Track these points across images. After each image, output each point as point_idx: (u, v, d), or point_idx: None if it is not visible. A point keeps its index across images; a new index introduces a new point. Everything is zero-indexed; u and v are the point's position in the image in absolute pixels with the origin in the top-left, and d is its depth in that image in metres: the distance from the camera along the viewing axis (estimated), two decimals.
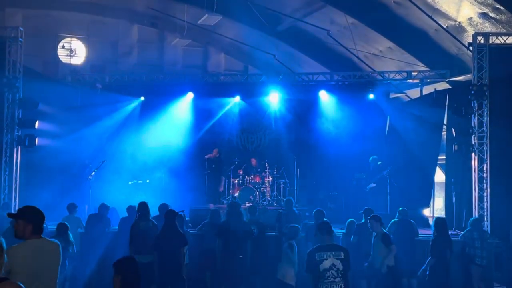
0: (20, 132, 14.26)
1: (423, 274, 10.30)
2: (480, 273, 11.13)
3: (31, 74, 15.13)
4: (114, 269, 4.85)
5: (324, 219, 10.57)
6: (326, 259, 6.69)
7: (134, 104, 17.59)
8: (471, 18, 14.51)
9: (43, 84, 15.40)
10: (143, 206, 10.18)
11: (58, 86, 16.66)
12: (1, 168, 13.89)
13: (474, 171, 13.44)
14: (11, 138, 14.10)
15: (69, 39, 21.22)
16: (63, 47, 21.15)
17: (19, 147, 14.27)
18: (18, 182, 14.16)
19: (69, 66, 20.77)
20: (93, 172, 14.97)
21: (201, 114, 17.69)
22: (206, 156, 16.36)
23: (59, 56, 21.03)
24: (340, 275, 6.65)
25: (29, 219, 5.21)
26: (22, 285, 3.99)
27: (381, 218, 10.18)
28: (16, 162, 14.20)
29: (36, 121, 14.25)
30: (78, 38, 21.29)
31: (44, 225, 5.40)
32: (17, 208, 13.08)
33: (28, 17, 19.29)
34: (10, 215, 5.41)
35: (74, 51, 21.22)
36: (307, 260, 6.89)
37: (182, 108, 17.59)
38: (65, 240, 10.16)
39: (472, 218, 11.99)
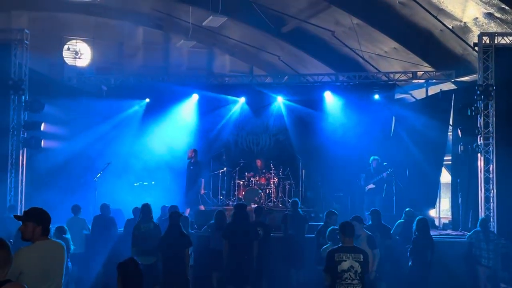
0: (26, 134, 14.29)
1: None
2: (486, 274, 11.10)
3: (36, 76, 15.15)
4: (117, 271, 4.88)
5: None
6: (345, 261, 6.67)
7: (140, 105, 17.62)
8: (477, 18, 14.47)
9: (48, 86, 15.44)
10: (146, 208, 10.22)
11: (63, 88, 16.71)
12: (7, 170, 13.92)
13: (480, 171, 13.39)
14: (17, 140, 14.13)
15: (74, 41, 21.28)
16: (68, 49, 21.22)
17: (25, 149, 14.31)
18: (24, 184, 14.19)
19: (74, 68, 20.81)
20: (99, 174, 14.98)
21: (206, 115, 17.69)
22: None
23: (65, 58, 21.08)
24: (358, 278, 6.63)
25: (39, 221, 5.24)
26: (26, 287, 4.02)
27: (363, 220, 10.06)
28: (22, 164, 14.24)
29: (42, 123, 14.28)
30: (83, 40, 21.34)
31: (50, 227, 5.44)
32: (23, 210, 13.12)
33: (34, 19, 19.36)
34: (17, 217, 5.42)
35: (79, 53, 21.28)
36: (326, 260, 6.87)
37: (187, 110, 17.60)
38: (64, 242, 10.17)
39: (480, 218, 11.97)
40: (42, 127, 14.32)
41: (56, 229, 10.18)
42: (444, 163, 16.15)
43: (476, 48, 13.71)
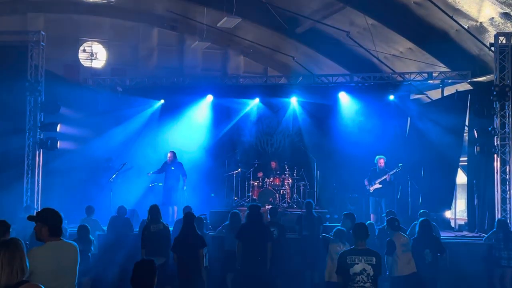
0: (42, 135, 14.41)
1: None
2: (506, 275, 10.99)
3: (52, 77, 15.26)
4: (133, 269, 4.93)
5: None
6: (357, 263, 6.62)
7: (154, 107, 17.71)
8: (493, 18, 14.36)
9: (64, 87, 15.54)
10: (154, 209, 10.24)
11: (79, 90, 16.81)
12: (23, 171, 14.04)
13: (497, 172, 13.30)
14: (33, 141, 14.25)
15: (90, 42, 21.40)
16: (84, 50, 21.33)
17: (41, 150, 14.42)
18: (40, 185, 14.29)
19: (90, 69, 20.95)
20: (114, 175, 15.07)
21: (220, 116, 17.74)
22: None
23: (80, 60, 21.20)
24: (370, 280, 6.59)
25: (45, 221, 5.31)
26: (43, 287, 4.05)
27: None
28: (38, 165, 14.34)
29: (58, 124, 14.37)
30: (99, 42, 21.45)
31: (66, 227, 5.48)
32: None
33: (50, 21, 19.48)
34: (30, 218, 5.50)
35: (95, 55, 21.39)
36: (338, 262, 6.83)
37: (202, 111, 17.65)
38: (87, 242, 10.26)
39: (498, 219, 11.87)
40: (58, 128, 14.40)
41: (79, 230, 10.32)
42: (460, 164, 16.02)
43: (492, 48, 13.62)
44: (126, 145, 16.52)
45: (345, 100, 17.11)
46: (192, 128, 17.31)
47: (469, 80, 15.88)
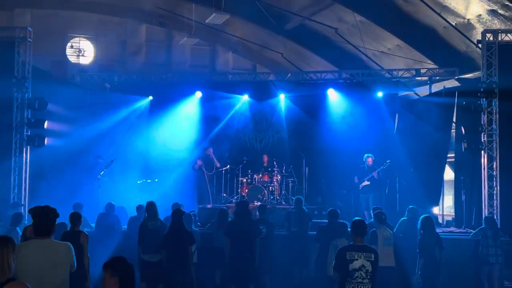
0: (29, 132, 14.32)
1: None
2: (493, 272, 11.08)
3: (40, 74, 15.17)
4: (110, 270, 4.56)
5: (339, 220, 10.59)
6: (357, 260, 6.63)
7: (143, 103, 17.62)
8: (480, 15, 14.44)
9: (52, 84, 15.45)
10: (151, 205, 10.22)
11: (67, 86, 16.71)
12: (10, 168, 13.96)
13: (484, 169, 13.38)
14: (21, 138, 14.16)
15: (77, 38, 21.24)
16: (71, 46, 21.17)
17: (29, 147, 14.33)
18: (27, 181, 14.22)
19: (77, 65, 20.78)
20: (102, 172, 15.02)
21: (209, 113, 17.69)
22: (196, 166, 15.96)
23: (68, 56, 21.06)
24: (368, 277, 6.60)
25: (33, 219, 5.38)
26: (29, 285, 4.04)
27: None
28: (26, 162, 14.26)
29: (45, 121, 14.30)
30: (87, 38, 21.32)
31: None
32: (27, 208, 13.17)
33: (37, 17, 19.35)
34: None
35: (82, 51, 21.24)
36: (336, 258, 6.83)
37: (191, 107, 17.61)
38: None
39: (486, 216, 11.95)
40: (45, 125, 14.33)
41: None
42: (448, 160, 16.11)
43: (480, 45, 13.69)
44: (114, 141, 16.46)
45: (333, 96, 17.13)
46: (181, 125, 17.27)
47: (456, 77, 15.97)
